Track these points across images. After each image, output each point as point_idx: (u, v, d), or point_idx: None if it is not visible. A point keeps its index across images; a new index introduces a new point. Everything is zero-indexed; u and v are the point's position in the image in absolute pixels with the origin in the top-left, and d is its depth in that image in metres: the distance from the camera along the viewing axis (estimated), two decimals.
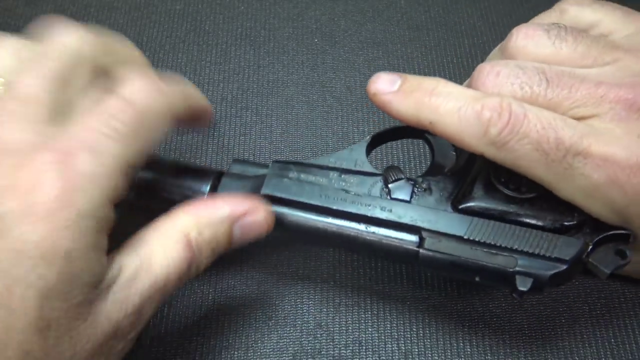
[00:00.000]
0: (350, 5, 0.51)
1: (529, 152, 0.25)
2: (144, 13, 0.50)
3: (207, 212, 0.27)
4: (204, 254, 0.27)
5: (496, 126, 0.25)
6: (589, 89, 0.26)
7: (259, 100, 0.45)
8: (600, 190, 0.25)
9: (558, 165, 0.25)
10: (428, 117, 0.27)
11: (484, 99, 0.26)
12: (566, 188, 0.26)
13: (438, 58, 0.48)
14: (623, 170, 0.24)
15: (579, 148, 0.24)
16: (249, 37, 0.49)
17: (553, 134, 0.25)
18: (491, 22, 0.50)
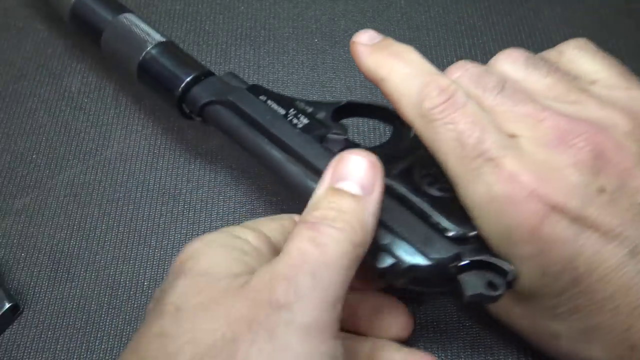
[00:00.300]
0: (350, 5, 0.51)
1: (450, 139, 0.25)
2: (144, 13, 0.50)
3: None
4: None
5: (432, 101, 0.26)
6: (534, 109, 0.26)
7: None
8: (495, 202, 0.24)
9: (468, 163, 0.25)
10: (381, 73, 0.28)
11: (436, 76, 0.27)
12: (467, 189, 0.25)
13: (438, 58, 0.48)
14: (521, 191, 0.24)
15: (493, 155, 0.25)
16: (249, 37, 0.49)
17: (479, 131, 0.25)
18: (491, 22, 0.50)
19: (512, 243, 0.25)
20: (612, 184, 0.24)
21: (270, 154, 0.32)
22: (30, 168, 0.42)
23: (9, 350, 0.35)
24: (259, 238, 0.27)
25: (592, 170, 0.24)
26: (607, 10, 0.51)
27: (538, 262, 0.25)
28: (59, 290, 0.37)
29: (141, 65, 0.38)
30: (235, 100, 0.34)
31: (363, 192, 0.25)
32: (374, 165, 0.26)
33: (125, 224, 0.39)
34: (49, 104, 0.45)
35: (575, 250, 0.24)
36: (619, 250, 0.24)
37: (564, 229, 0.24)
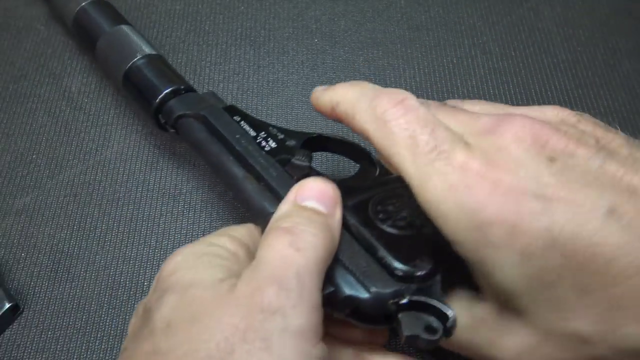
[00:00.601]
0: (350, 5, 0.51)
1: (405, 137, 0.26)
2: (144, 13, 0.50)
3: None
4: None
5: (384, 106, 0.27)
6: (471, 114, 0.27)
7: (259, 101, 0.45)
8: (453, 192, 0.25)
9: (423, 158, 0.25)
10: (336, 99, 0.30)
11: (387, 89, 0.28)
12: (425, 186, 0.25)
13: (438, 58, 0.48)
14: (475, 176, 0.24)
15: (445, 148, 0.25)
16: (249, 37, 0.49)
17: (430, 129, 0.26)
18: (491, 22, 0.50)
19: (479, 230, 0.24)
20: (561, 154, 0.25)
21: (231, 171, 0.32)
22: (30, 168, 0.42)
23: (9, 350, 0.35)
24: (234, 242, 0.27)
25: (535, 145, 0.25)
26: (607, 10, 0.51)
27: (514, 243, 0.24)
28: (59, 290, 0.37)
29: (126, 74, 0.39)
30: (207, 115, 0.35)
31: (327, 211, 0.27)
32: (334, 191, 0.28)
33: (126, 224, 0.39)
34: (49, 104, 0.45)
35: (547, 220, 0.23)
36: (594, 212, 0.23)
37: (528, 202, 0.23)
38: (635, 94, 0.47)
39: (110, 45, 0.41)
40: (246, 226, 0.30)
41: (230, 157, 0.33)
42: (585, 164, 0.24)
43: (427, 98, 0.45)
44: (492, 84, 0.47)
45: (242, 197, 0.32)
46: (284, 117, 0.44)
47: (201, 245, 0.27)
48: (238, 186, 0.32)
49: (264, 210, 0.30)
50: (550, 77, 0.47)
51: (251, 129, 0.34)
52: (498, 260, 0.24)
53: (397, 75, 0.47)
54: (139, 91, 0.39)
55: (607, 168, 0.24)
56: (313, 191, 0.28)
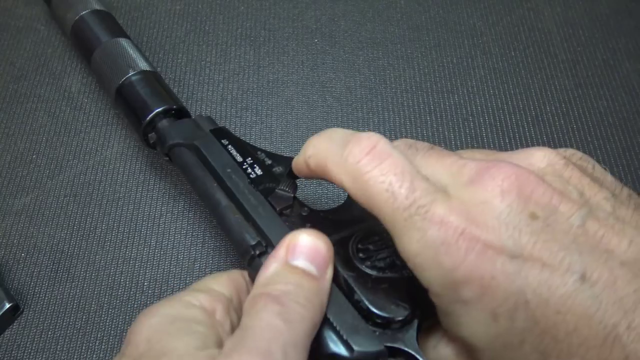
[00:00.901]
0: (350, 5, 0.51)
1: (382, 191, 0.25)
2: (144, 13, 0.50)
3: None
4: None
5: (355, 156, 0.26)
6: (458, 158, 0.26)
7: (259, 101, 0.45)
8: (430, 248, 0.24)
9: (402, 213, 0.24)
10: (308, 152, 0.28)
11: (357, 134, 0.27)
12: (404, 239, 0.25)
13: (438, 58, 0.48)
14: (453, 233, 0.23)
15: (424, 202, 0.24)
16: (249, 38, 0.49)
17: (409, 181, 0.25)
18: (491, 22, 0.50)
19: (453, 288, 0.24)
20: (543, 210, 0.24)
21: (215, 199, 0.32)
22: (30, 168, 0.42)
23: (9, 350, 0.35)
24: (212, 299, 0.26)
25: (519, 198, 0.24)
26: (607, 10, 0.51)
27: (485, 303, 0.23)
28: (59, 291, 0.37)
29: (119, 90, 0.39)
30: (200, 147, 0.34)
31: (318, 273, 0.26)
32: (328, 248, 0.27)
33: (126, 224, 0.39)
34: (49, 104, 0.45)
35: (521, 283, 0.23)
36: (567, 277, 0.23)
37: (504, 262, 0.23)
38: (635, 94, 0.47)
39: (105, 57, 0.40)
40: (230, 274, 0.29)
41: (217, 186, 0.32)
42: (566, 222, 0.24)
43: (427, 98, 0.46)
44: (492, 84, 0.47)
45: (226, 228, 0.31)
46: (284, 117, 0.44)
47: (176, 306, 0.26)
48: (221, 214, 0.32)
49: (244, 242, 0.30)
50: (550, 77, 0.47)
51: (238, 154, 0.34)
52: (467, 317, 0.24)
53: (397, 75, 0.47)
54: (130, 108, 0.38)
55: (588, 227, 0.24)
56: (305, 249, 0.26)
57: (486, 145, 0.43)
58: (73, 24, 0.43)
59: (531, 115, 0.45)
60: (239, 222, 0.31)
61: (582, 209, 0.24)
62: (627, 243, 0.23)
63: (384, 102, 0.46)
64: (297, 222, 0.30)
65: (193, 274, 0.37)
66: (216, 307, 0.26)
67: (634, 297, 0.22)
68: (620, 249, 0.23)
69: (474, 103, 0.46)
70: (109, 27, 0.42)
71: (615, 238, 0.23)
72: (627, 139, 0.44)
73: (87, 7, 0.43)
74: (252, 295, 0.25)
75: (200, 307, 0.26)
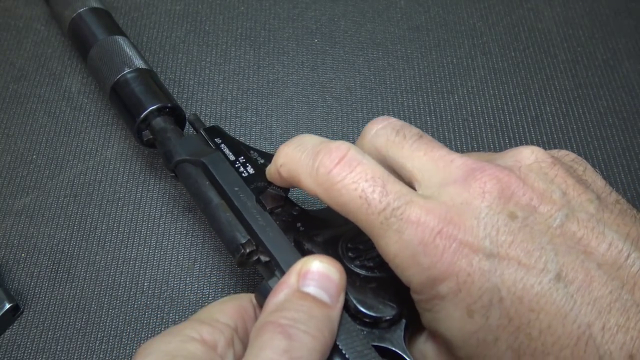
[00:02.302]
0: (350, 5, 0.51)
1: (355, 198, 0.25)
2: (144, 14, 0.50)
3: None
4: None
5: (325, 166, 0.26)
6: (447, 152, 0.26)
7: (259, 101, 0.45)
8: (408, 249, 0.24)
9: (377, 217, 0.25)
10: (279, 161, 0.28)
11: (326, 143, 0.27)
12: (382, 242, 0.25)
13: (438, 58, 0.48)
14: (430, 233, 0.24)
15: (399, 203, 0.24)
16: (249, 38, 0.49)
17: (380, 185, 0.25)
18: (491, 22, 0.50)
19: (431, 285, 0.24)
20: (522, 211, 0.24)
21: (207, 196, 0.32)
22: (31, 168, 0.42)
23: (9, 350, 0.35)
24: (213, 331, 0.26)
25: (499, 199, 0.24)
26: (607, 10, 0.51)
27: (460, 299, 0.24)
28: (59, 291, 0.37)
29: (114, 87, 0.39)
30: (207, 164, 0.33)
31: (330, 301, 0.25)
32: (341, 275, 0.26)
33: (126, 224, 0.39)
34: (49, 104, 0.45)
35: (496, 280, 0.23)
36: (542, 276, 0.23)
37: (480, 259, 0.23)
38: (635, 94, 0.47)
39: (102, 54, 0.40)
40: (237, 300, 0.28)
41: (208, 183, 0.33)
42: (545, 222, 0.24)
43: (427, 98, 0.46)
44: (492, 84, 0.47)
45: (215, 224, 0.31)
46: (284, 117, 0.44)
47: (174, 341, 0.25)
48: (211, 212, 0.32)
49: (234, 240, 0.30)
50: (550, 77, 0.47)
51: (231, 153, 0.34)
52: (444, 313, 0.24)
53: (397, 75, 0.47)
54: (125, 105, 0.38)
55: (567, 228, 0.24)
56: (317, 275, 0.25)
57: (486, 146, 0.43)
58: (70, 21, 0.43)
59: (531, 116, 0.45)
60: (230, 220, 0.31)
61: (562, 210, 0.24)
62: (607, 245, 0.24)
63: (384, 102, 0.46)
64: (288, 221, 0.30)
65: (193, 274, 0.37)
66: (218, 340, 0.25)
67: (609, 298, 0.22)
68: (599, 251, 0.23)
69: (474, 103, 0.46)
70: (106, 24, 0.42)
71: (595, 240, 0.24)
72: (627, 139, 0.44)
73: (85, 5, 0.43)
74: (259, 322, 0.24)
75: (200, 341, 0.25)
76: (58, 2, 0.44)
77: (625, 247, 0.24)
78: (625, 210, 0.25)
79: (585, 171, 0.27)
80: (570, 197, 0.25)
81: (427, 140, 0.27)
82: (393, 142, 0.27)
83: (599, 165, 0.43)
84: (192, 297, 0.37)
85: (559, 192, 0.25)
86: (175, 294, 0.37)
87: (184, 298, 0.37)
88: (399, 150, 0.27)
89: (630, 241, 0.24)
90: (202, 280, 0.37)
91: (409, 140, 0.27)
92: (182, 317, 0.36)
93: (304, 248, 0.29)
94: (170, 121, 0.37)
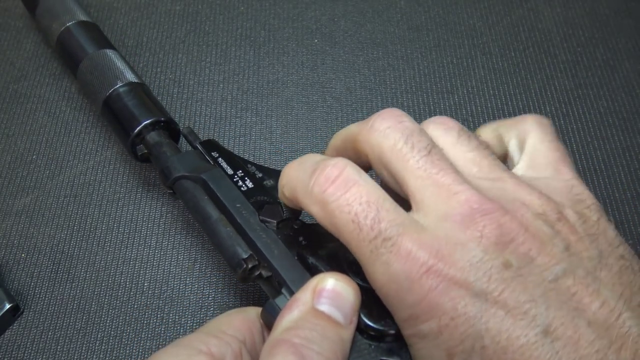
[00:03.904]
0: (350, 5, 0.51)
1: (348, 222, 0.24)
2: (144, 13, 0.50)
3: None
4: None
5: (321, 185, 0.25)
6: (452, 180, 0.25)
7: (259, 101, 0.45)
8: (395, 282, 0.23)
9: (367, 245, 0.24)
10: (281, 182, 0.28)
11: (325, 161, 0.26)
12: (369, 271, 0.24)
13: (438, 58, 0.48)
14: (419, 269, 0.23)
15: (391, 234, 0.24)
16: (249, 38, 0.49)
17: (374, 211, 0.24)
18: (491, 22, 0.50)
19: (415, 321, 0.24)
20: (518, 260, 0.23)
21: (206, 212, 0.32)
22: (31, 169, 0.42)
23: (9, 350, 0.35)
24: (221, 344, 0.25)
25: (496, 246, 0.23)
26: (607, 10, 0.51)
27: (442, 341, 0.23)
28: (59, 291, 0.37)
29: (106, 101, 0.38)
30: (208, 180, 0.33)
31: (345, 322, 0.25)
32: (356, 294, 0.25)
33: (126, 224, 0.39)
34: (49, 104, 0.45)
35: (481, 327, 0.22)
36: (529, 329, 0.22)
37: (467, 305, 0.23)
38: (635, 95, 0.47)
39: (92, 68, 0.40)
40: (244, 313, 0.28)
41: (207, 198, 0.32)
42: (540, 275, 0.23)
43: (427, 98, 0.46)
44: (492, 84, 0.47)
45: (215, 239, 0.31)
46: (284, 117, 0.44)
47: (181, 354, 0.24)
48: (211, 227, 0.31)
49: (235, 255, 0.29)
50: (550, 77, 0.47)
51: (229, 167, 0.33)
52: (424, 351, 0.24)
53: (397, 75, 0.47)
54: (118, 119, 0.38)
55: (562, 283, 0.23)
56: (332, 294, 0.25)
57: None
58: (59, 34, 0.42)
59: None
60: (231, 234, 0.30)
61: (560, 264, 0.23)
62: (599, 304, 0.23)
63: (384, 102, 0.46)
64: (290, 235, 0.30)
65: (193, 274, 0.37)
66: (225, 353, 0.25)
67: (594, 357, 0.22)
68: (591, 309, 0.23)
69: (474, 103, 0.46)
70: (96, 38, 0.42)
71: (588, 297, 0.23)
72: (627, 139, 0.44)
73: (74, 18, 0.42)
74: (272, 339, 0.24)
75: (207, 354, 0.24)
76: (45, 15, 0.43)
77: (618, 306, 0.23)
78: (627, 267, 0.25)
79: (598, 221, 0.26)
80: (572, 252, 0.24)
81: (436, 158, 0.26)
82: (399, 151, 0.26)
83: (599, 165, 0.43)
84: (192, 297, 0.37)
85: (562, 245, 0.24)
86: (175, 294, 0.37)
87: (184, 298, 0.37)
88: (403, 162, 0.26)
89: (623, 301, 0.23)
90: (202, 280, 0.37)
91: (417, 155, 0.26)
92: (182, 317, 0.36)
93: (308, 262, 0.29)
94: (165, 135, 0.37)
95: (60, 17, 0.42)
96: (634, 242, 0.40)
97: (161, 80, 0.46)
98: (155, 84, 0.46)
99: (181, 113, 0.44)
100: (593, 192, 0.41)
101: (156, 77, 0.46)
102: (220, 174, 0.33)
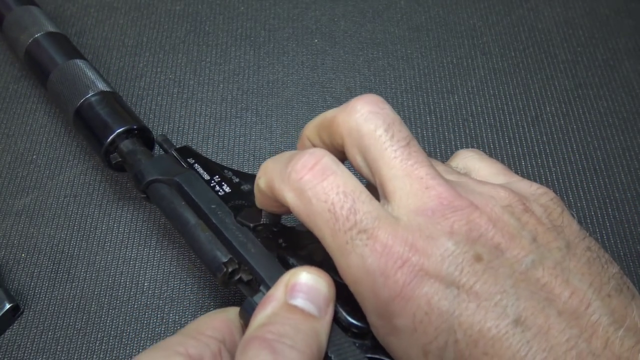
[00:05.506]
0: (350, 5, 0.51)
1: (323, 211, 0.24)
2: (144, 13, 0.50)
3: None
4: None
5: (298, 172, 0.25)
6: (426, 174, 0.25)
7: (259, 101, 0.45)
8: (370, 276, 0.23)
9: (342, 236, 0.24)
10: (258, 175, 0.28)
11: (302, 151, 0.26)
12: (343, 263, 0.24)
13: (438, 58, 0.48)
14: (394, 262, 0.23)
15: (367, 226, 0.24)
16: (249, 38, 0.49)
17: (351, 201, 0.24)
18: (491, 22, 0.50)
19: (390, 316, 0.24)
20: (489, 253, 0.23)
21: (184, 217, 0.31)
22: (31, 169, 0.42)
23: (9, 350, 0.35)
24: (199, 345, 0.25)
25: (467, 240, 0.24)
26: (607, 10, 0.52)
27: (416, 338, 0.23)
28: (59, 291, 0.37)
29: (78, 111, 0.38)
30: (182, 183, 0.32)
31: (319, 314, 0.25)
32: (329, 286, 0.25)
33: (126, 224, 0.39)
34: (49, 104, 0.45)
35: (454, 322, 0.23)
36: (500, 320, 0.22)
37: (440, 299, 0.23)
38: (635, 94, 0.47)
39: (63, 79, 0.39)
40: (225, 313, 0.28)
41: (184, 204, 0.32)
42: (510, 267, 0.23)
43: (427, 98, 0.46)
44: (492, 84, 0.47)
45: (194, 244, 0.30)
46: (284, 117, 0.44)
47: (159, 356, 0.25)
48: (190, 232, 0.31)
49: (215, 259, 0.29)
50: (550, 77, 0.47)
51: (205, 172, 0.33)
52: (399, 349, 0.24)
53: (397, 75, 0.47)
54: (90, 129, 0.37)
55: (532, 274, 0.23)
56: (305, 288, 0.25)
57: (486, 146, 0.43)
58: (27, 46, 0.41)
59: (531, 116, 0.45)
60: (210, 239, 0.30)
61: (530, 256, 0.24)
62: (569, 294, 0.23)
63: None
64: (269, 237, 0.30)
65: (193, 274, 0.37)
66: (203, 354, 0.25)
67: (565, 346, 0.22)
68: (561, 299, 0.23)
69: (474, 103, 0.46)
70: (65, 48, 0.41)
71: (558, 287, 0.23)
72: (627, 139, 0.44)
73: (42, 30, 0.42)
74: (246, 337, 0.24)
75: (184, 355, 0.24)
76: (12, 27, 0.43)
77: (587, 295, 0.23)
78: (595, 258, 0.25)
79: (562, 214, 0.26)
80: (540, 243, 0.24)
81: (413, 150, 0.26)
82: (379, 138, 0.26)
83: (599, 165, 0.43)
84: (192, 297, 0.37)
85: (530, 237, 0.24)
86: (175, 294, 0.37)
87: (184, 298, 0.37)
88: (381, 150, 0.26)
89: (592, 290, 0.24)
90: (202, 280, 0.37)
91: (395, 145, 0.26)
92: (182, 317, 0.36)
93: (288, 263, 0.28)
94: (139, 143, 0.37)
95: (28, 29, 0.42)
96: (634, 242, 0.40)
97: (161, 80, 0.46)
98: (155, 84, 0.46)
99: (181, 113, 0.44)
100: (593, 192, 0.41)
101: (156, 77, 0.46)
102: (195, 176, 0.33)
